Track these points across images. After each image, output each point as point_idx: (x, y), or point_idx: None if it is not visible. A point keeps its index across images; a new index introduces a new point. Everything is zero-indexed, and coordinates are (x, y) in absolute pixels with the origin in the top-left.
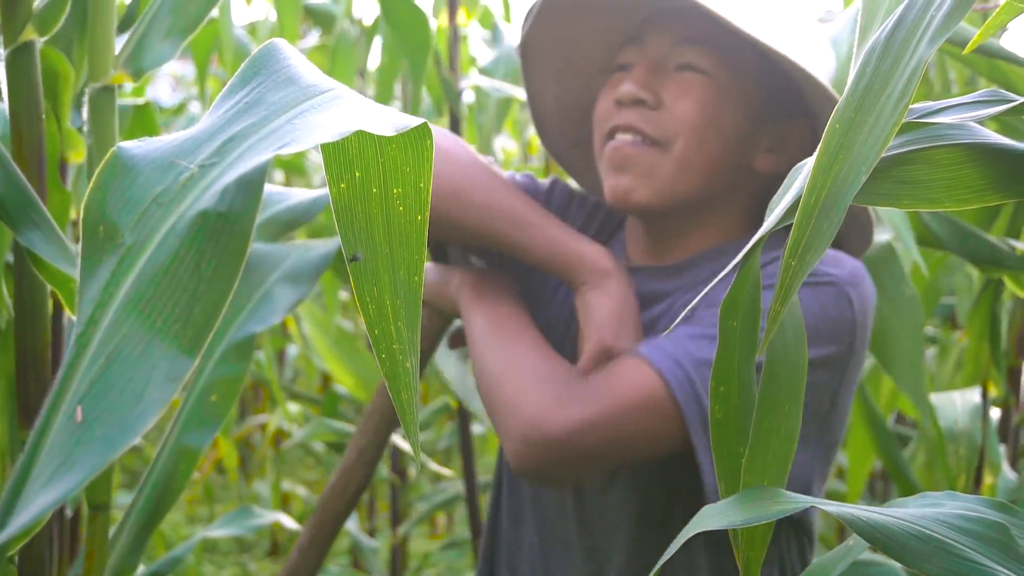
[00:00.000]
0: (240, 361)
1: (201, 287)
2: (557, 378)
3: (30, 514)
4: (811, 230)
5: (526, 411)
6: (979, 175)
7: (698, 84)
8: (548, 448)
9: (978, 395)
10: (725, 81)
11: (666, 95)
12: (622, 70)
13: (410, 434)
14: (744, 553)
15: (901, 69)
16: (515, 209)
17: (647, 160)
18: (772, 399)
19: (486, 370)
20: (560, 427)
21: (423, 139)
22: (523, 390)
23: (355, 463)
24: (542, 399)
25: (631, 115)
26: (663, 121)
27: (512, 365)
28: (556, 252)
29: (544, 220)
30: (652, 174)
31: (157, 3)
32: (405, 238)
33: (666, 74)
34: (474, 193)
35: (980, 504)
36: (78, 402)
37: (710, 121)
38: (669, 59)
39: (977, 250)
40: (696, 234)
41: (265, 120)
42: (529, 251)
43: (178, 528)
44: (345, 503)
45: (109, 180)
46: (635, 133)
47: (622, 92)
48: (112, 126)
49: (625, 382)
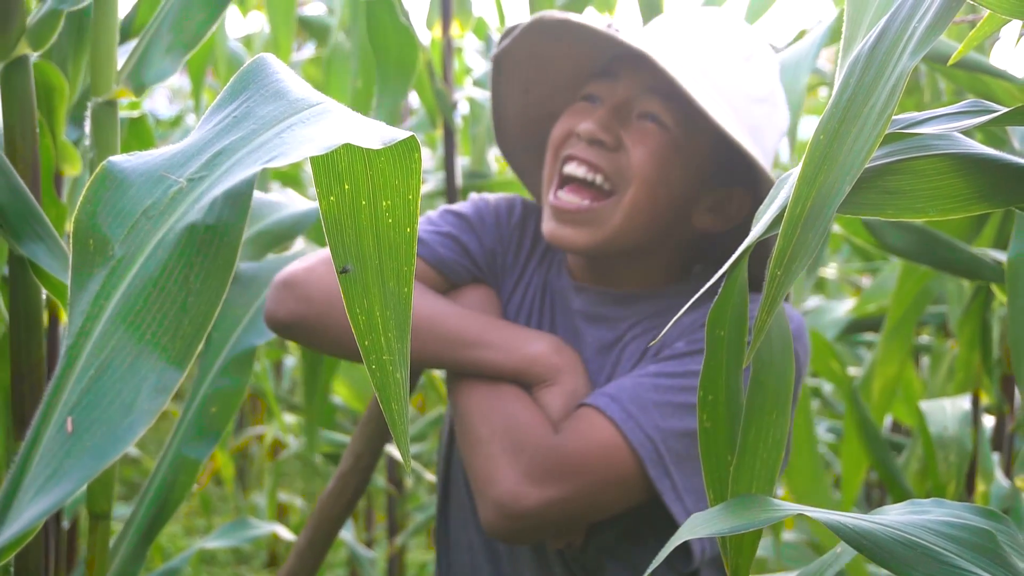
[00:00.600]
0: (240, 374)
1: (190, 299)
2: (532, 445)
3: (22, 523)
4: (796, 240)
5: (502, 485)
6: (963, 185)
7: (656, 136)
8: (521, 519)
9: (968, 402)
10: (681, 139)
11: (626, 139)
12: (588, 100)
13: (400, 444)
14: (732, 561)
15: (884, 80)
16: (461, 331)
17: (593, 216)
18: (759, 408)
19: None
20: (534, 503)
21: (411, 152)
22: (500, 461)
23: (352, 468)
24: (517, 474)
25: (589, 153)
26: (619, 163)
27: (488, 425)
28: (507, 363)
29: (488, 331)
30: (598, 225)
31: (158, 20)
32: (394, 250)
33: (628, 119)
34: (419, 329)
35: (966, 511)
36: (68, 413)
37: (662, 174)
38: (635, 103)
39: (950, 260)
40: (629, 271)
41: (253, 134)
42: (482, 367)
43: (175, 540)
44: (342, 507)
45: (100, 193)
46: (590, 168)
47: (583, 129)
48: (114, 140)
49: (600, 456)
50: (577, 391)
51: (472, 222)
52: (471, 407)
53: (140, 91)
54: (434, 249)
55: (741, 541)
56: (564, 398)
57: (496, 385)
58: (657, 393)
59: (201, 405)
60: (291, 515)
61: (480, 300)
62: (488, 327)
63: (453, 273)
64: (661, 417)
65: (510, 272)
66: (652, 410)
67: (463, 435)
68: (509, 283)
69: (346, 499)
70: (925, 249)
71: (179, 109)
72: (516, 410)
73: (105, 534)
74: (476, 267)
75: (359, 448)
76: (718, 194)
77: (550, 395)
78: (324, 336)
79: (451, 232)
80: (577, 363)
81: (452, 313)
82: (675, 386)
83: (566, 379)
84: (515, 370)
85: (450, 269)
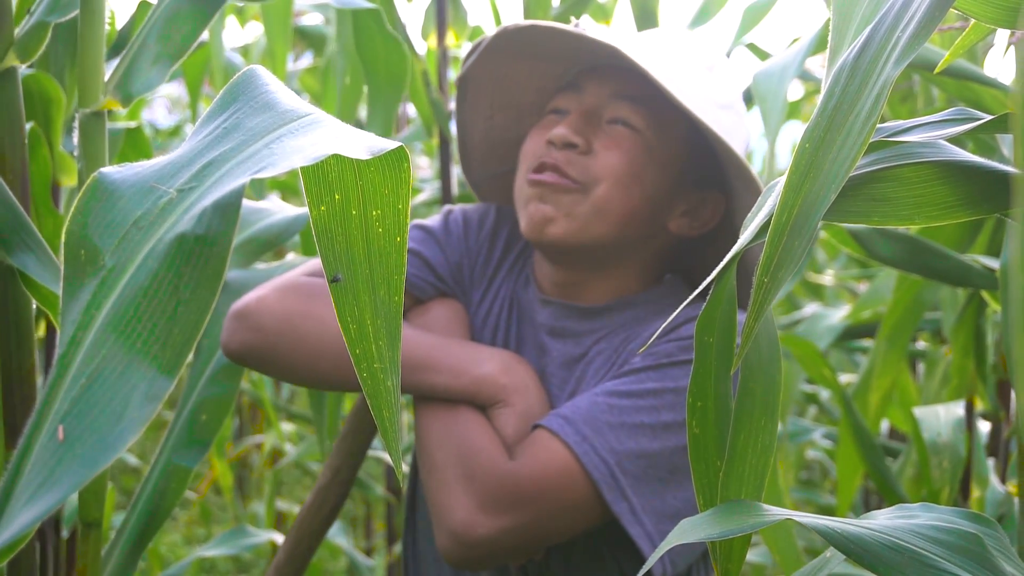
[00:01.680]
0: (229, 381)
1: (180, 309)
2: (484, 473)
3: (13, 530)
4: (783, 248)
5: (456, 514)
6: (948, 192)
7: (627, 138)
8: (476, 548)
9: (962, 408)
10: (653, 141)
11: (596, 144)
12: (556, 113)
13: (392, 452)
14: (722, 566)
15: (869, 89)
16: (409, 354)
17: (568, 198)
18: (748, 414)
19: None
20: (487, 532)
21: (400, 162)
22: (453, 489)
23: (330, 482)
24: (470, 503)
25: (559, 156)
26: (589, 166)
27: (443, 451)
28: (456, 386)
29: (436, 354)
30: (571, 212)
31: (144, 31)
32: (384, 259)
33: (599, 124)
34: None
35: (955, 516)
36: (60, 421)
37: (634, 174)
38: (603, 110)
39: (940, 268)
40: (600, 282)
41: (243, 145)
42: (433, 391)
43: (175, 549)
44: (321, 521)
45: (91, 204)
46: (560, 174)
47: (555, 134)
48: (103, 151)
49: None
50: (530, 411)
51: (438, 236)
52: (428, 432)
53: (128, 102)
54: None
55: (731, 546)
56: (516, 419)
57: (453, 409)
58: (611, 414)
59: (191, 413)
60: (290, 523)
61: (446, 316)
62: (436, 349)
63: (416, 289)
64: (616, 439)
65: (478, 284)
66: (607, 432)
67: (421, 460)
68: (477, 294)
69: (325, 513)
70: (914, 258)
71: (178, 119)
72: (470, 435)
73: (97, 542)
74: (441, 281)
75: (337, 462)
76: (692, 198)
77: (503, 417)
78: (277, 364)
79: (413, 248)
80: (529, 382)
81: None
82: (630, 407)
83: (517, 400)
84: (465, 392)
85: (411, 285)
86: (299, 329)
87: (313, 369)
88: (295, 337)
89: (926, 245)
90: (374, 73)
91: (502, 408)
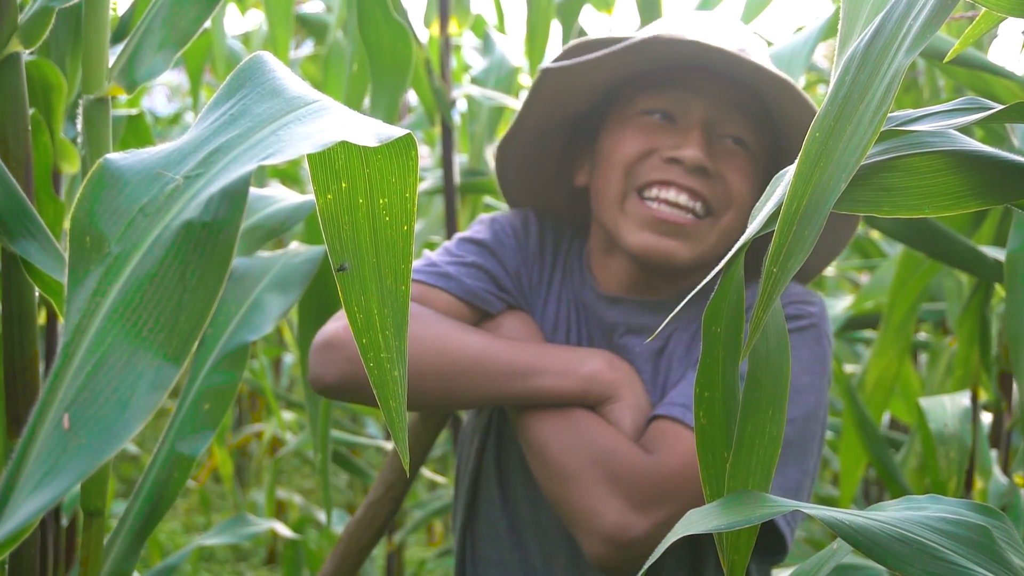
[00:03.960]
0: (233, 369)
1: (186, 296)
2: (628, 471)
3: (17, 520)
4: (792, 237)
5: (607, 517)
6: (958, 182)
7: (744, 160)
8: (633, 547)
9: (968, 399)
10: (758, 152)
11: (721, 165)
12: (655, 115)
13: (398, 442)
14: (729, 557)
15: (880, 78)
16: (514, 362)
17: (696, 230)
18: (756, 404)
19: (543, 457)
20: (643, 530)
21: (408, 150)
22: (598, 493)
23: (382, 497)
24: (620, 504)
25: (689, 180)
26: (720, 194)
27: (573, 458)
28: (567, 387)
29: (540, 358)
30: (699, 240)
31: (149, 16)
32: (391, 247)
33: (716, 142)
34: (472, 368)
35: (963, 507)
36: (65, 410)
37: (753, 195)
38: (719, 124)
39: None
40: (676, 280)
41: (250, 132)
42: (542, 396)
43: (175, 537)
44: (371, 536)
45: (96, 191)
46: (692, 196)
47: (688, 157)
48: (106, 138)
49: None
50: (640, 404)
51: (492, 247)
52: (548, 440)
53: (132, 88)
54: (463, 282)
55: (738, 537)
56: (630, 413)
57: (567, 413)
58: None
59: (194, 401)
60: (290, 512)
61: (521, 326)
62: (540, 354)
63: (485, 303)
64: None
65: (537, 290)
66: None
67: (544, 470)
68: (539, 301)
69: (375, 528)
70: (924, 237)
71: (178, 107)
72: (598, 437)
73: (99, 531)
74: (506, 293)
75: (392, 477)
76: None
77: (617, 412)
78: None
79: (476, 262)
80: (633, 375)
81: (502, 346)
82: None
83: (627, 393)
84: (576, 393)
85: (482, 300)
86: None
87: (416, 389)
88: None
89: (938, 227)
90: (379, 60)
91: (614, 403)
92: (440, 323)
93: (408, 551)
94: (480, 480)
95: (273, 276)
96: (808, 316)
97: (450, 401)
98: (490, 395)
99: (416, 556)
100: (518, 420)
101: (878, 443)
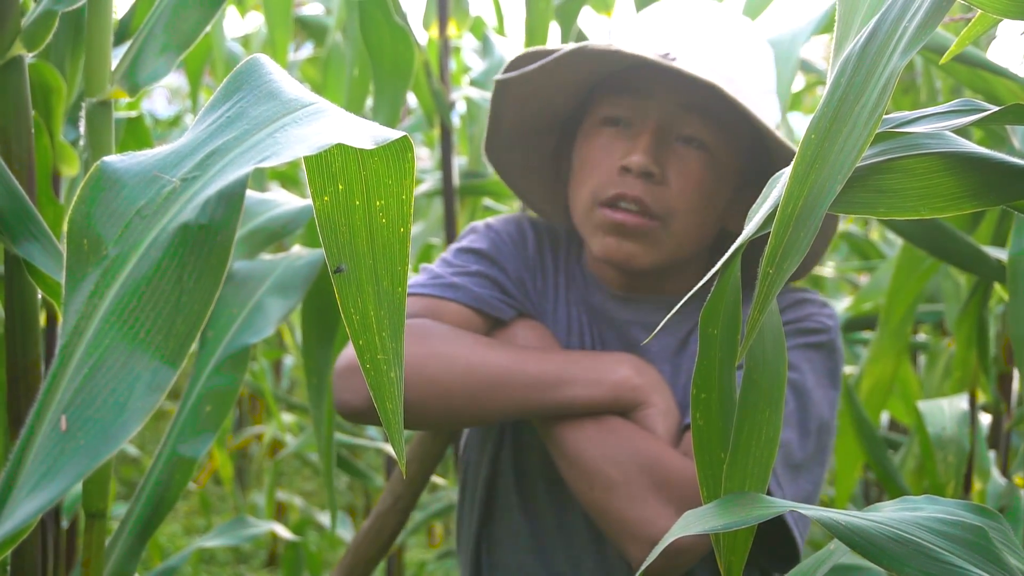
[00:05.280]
0: (235, 372)
1: (183, 298)
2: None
3: (15, 521)
4: (788, 239)
5: (659, 524)
6: (954, 183)
7: (698, 162)
8: (685, 554)
9: (966, 401)
10: (720, 155)
11: (669, 170)
12: (616, 125)
13: (395, 443)
14: (726, 558)
15: (875, 80)
16: (542, 373)
17: (651, 232)
18: (752, 406)
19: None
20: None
21: (404, 152)
22: (647, 501)
23: (390, 509)
24: (673, 511)
25: (639, 188)
26: (665, 197)
27: (616, 467)
28: (597, 396)
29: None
30: (655, 245)
31: (152, 20)
32: (388, 249)
33: (669, 145)
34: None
35: (959, 508)
36: (63, 411)
37: (707, 198)
38: (673, 126)
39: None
40: (678, 274)
41: (247, 134)
42: (573, 406)
43: (175, 539)
44: (378, 548)
45: (94, 194)
46: (639, 205)
47: (633, 163)
48: (109, 141)
49: None
50: (670, 408)
51: (491, 255)
52: (587, 449)
53: (134, 92)
54: (471, 290)
55: (735, 538)
56: (664, 419)
57: (604, 421)
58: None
59: (196, 404)
60: (290, 514)
61: (535, 334)
62: (567, 363)
63: (496, 310)
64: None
65: (544, 295)
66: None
67: (584, 479)
68: (548, 307)
69: (383, 540)
70: (928, 235)
71: (178, 109)
72: (641, 444)
73: (101, 533)
74: (513, 299)
75: (399, 489)
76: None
77: (650, 418)
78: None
79: (479, 270)
80: (660, 379)
81: (528, 358)
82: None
83: (657, 398)
84: (607, 401)
85: (492, 307)
86: (426, 371)
87: (448, 407)
88: (423, 379)
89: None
90: (380, 63)
91: (646, 409)
92: (463, 339)
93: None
94: (496, 486)
95: (275, 279)
96: (827, 331)
97: (481, 416)
98: (521, 408)
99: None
100: (549, 430)
101: (876, 444)
